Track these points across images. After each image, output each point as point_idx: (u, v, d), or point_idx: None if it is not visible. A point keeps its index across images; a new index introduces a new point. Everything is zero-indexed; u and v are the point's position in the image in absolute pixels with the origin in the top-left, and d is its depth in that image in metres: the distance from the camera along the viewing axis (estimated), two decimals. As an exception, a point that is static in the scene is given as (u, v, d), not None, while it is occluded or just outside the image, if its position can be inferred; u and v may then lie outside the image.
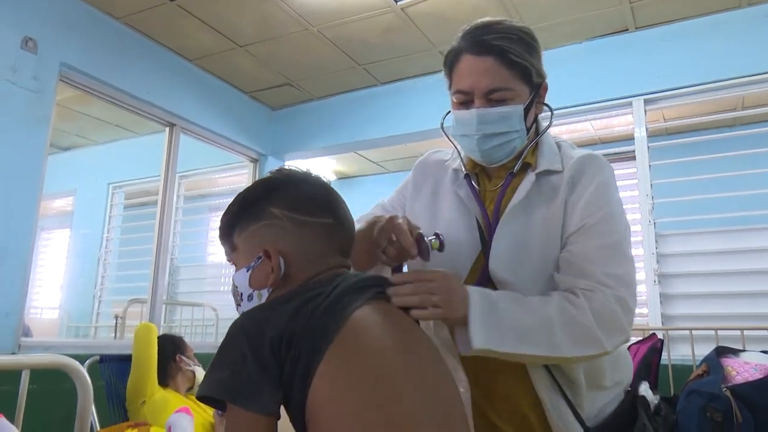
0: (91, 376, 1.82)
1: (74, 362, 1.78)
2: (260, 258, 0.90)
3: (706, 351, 2.43)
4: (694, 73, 3.16)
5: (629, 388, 1.17)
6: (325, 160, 5.53)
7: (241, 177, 4.59)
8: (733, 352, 2.36)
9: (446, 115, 1.21)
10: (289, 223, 0.91)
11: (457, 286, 1.00)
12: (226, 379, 0.77)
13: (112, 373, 2.63)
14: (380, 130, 4.12)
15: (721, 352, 2.36)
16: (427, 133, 3.87)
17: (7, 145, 2.71)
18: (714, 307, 2.91)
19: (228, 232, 0.96)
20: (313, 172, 0.99)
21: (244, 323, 0.82)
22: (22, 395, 1.88)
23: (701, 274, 3.01)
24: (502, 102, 1.11)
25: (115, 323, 3.75)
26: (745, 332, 2.63)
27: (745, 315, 2.81)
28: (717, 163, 3.28)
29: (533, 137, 1.20)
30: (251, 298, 0.92)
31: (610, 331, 1.02)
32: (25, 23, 2.82)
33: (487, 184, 1.23)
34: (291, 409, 0.79)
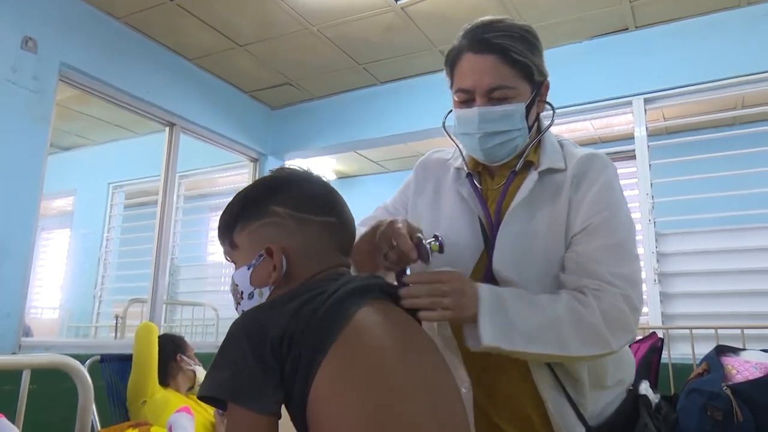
0: (91, 375, 1.82)
1: (75, 362, 1.78)
2: (262, 256, 0.90)
3: (706, 350, 2.43)
4: (694, 72, 3.16)
5: (631, 387, 1.17)
6: (325, 160, 5.53)
7: (241, 177, 4.59)
8: (734, 351, 2.37)
9: (448, 114, 1.21)
10: (291, 221, 0.91)
11: (468, 287, 1.00)
12: (227, 379, 0.77)
13: (112, 372, 2.64)
14: (380, 130, 4.12)
15: (721, 350, 2.37)
16: (428, 133, 3.87)
17: (8, 145, 2.71)
18: (714, 306, 2.91)
19: (228, 230, 0.96)
20: (314, 172, 1.00)
21: (245, 323, 0.82)
22: (22, 395, 1.88)
23: (701, 273, 3.01)
24: (503, 100, 1.11)
25: (116, 323, 3.75)
26: (745, 331, 2.63)
27: (745, 314, 2.81)
28: (717, 162, 3.28)
29: (535, 136, 1.19)
30: (252, 296, 0.92)
31: (618, 331, 1.02)
32: (25, 23, 2.82)
33: (489, 183, 1.22)
34: (292, 409, 0.79)
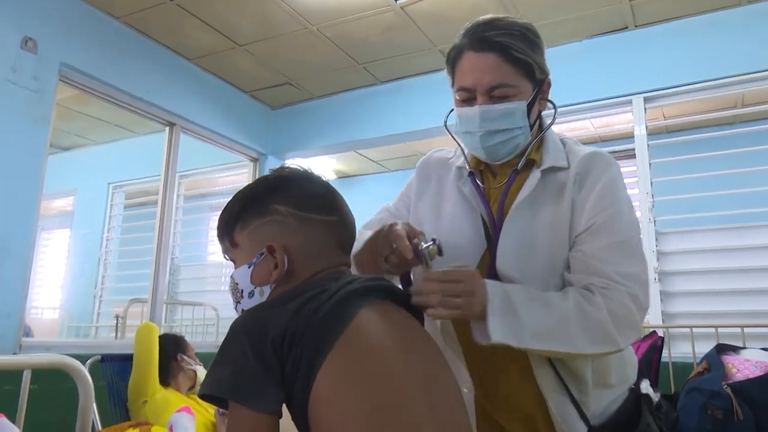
0: (92, 375, 1.82)
1: (75, 362, 1.78)
2: (263, 254, 0.90)
3: (707, 348, 2.44)
4: (694, 70, 3.16)
5: (633, 386, 1.16)
6: (325, 159, 5.53)
7: (241, 176, 4.59)
8: (734, 350, 2.37)
9: (449, 113, 1.21)
10: (293, 220, 0.91)
11: (480, 286, 0.99)
12: (228, 377, 0.77)
13: (113, 372, 2.64)
14: (380, 129, 4.12)
15: (722, 349, 2.37)
16: (428, 132, 3.87)
17: (8, 145, 2.71)
18: (714, 305, 2.92)
19: (228, 229, 0.95)
20: (314, 171, 0.99)
21: (245, 322, 0.82)
22: (23, 395, 1.88)
23: (701, 271, 3.01)
24: (504, 99, 1.10)
25: (116, 323, 3.75)
26: (746, 329, 2.63)
27: (746, 312, 2.82)
28: (717, 161, 3.29)
29: (537, 134, 1.19)
30: (252, 295, 0.92)
31: (625, 329, 1.02)
32: (25, 23, 2.82)
33: (491, 182, 1.22)
34: (293, 408, 0.79)
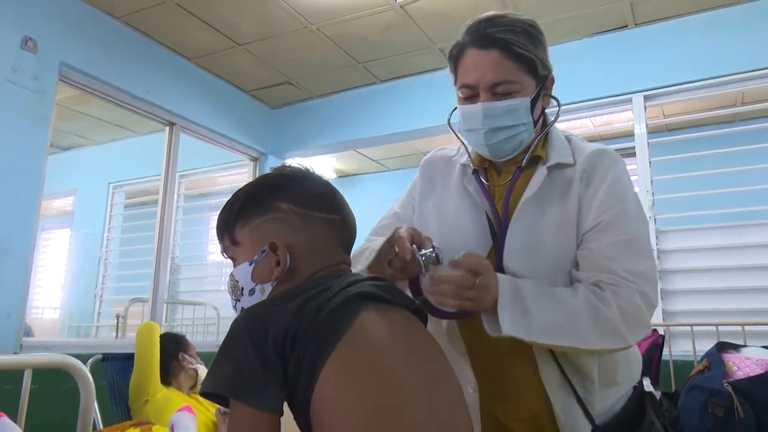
0: (93, 375, 1.82)
1: (77, 361, 1.78)
2: (265, 251, 0.90)
3: (707, 347, 2.44)
4: (694, 69, 3.16)
5: (638, 384, 1.16)
6: (326, 159, 5.52)
7: (241, 176, 4.59)
8: (734, 348, 2.37)
9: (453, 112, 1.20)
10: (295, 217, 0.91)
11: (493, 282, 1.00)
12: (229, 376, 0.77)
13: (114, 371, 2.64)
14: (380, 128, 4.12)
15: (722, 347, 2.37)
16: (427, 131, 3.87)
17: (8, 145, 2.71)
18: (715, 303, 2.92)
19: (229, 226, 0.95)
20: (314, 170, 1.00)
21: (247, 320, 0.81)
22: (24, 395, 1.88)
23: (702, 270, 3.01)
24: (507, 95, 1.10)
25: (117, 323, 3.76)
26: (746, 328, 2.63)
27: (746, 310, 2.82)
28: (717, 159, 3.29)
29: (540, 130, 1.19)
30: (252, 293, 0.92)
31: (634, 326, 1.02)
32: (25, 23, 2.82)
33: (495, 179, 1.21)
34: (295, 407, 0.79)
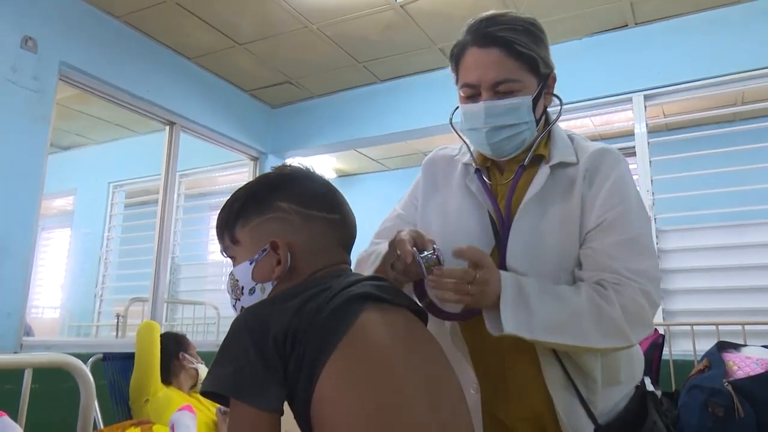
0: (93, 374, 1.82)
1: (77, 361, 1.78)
2: (265, 250, 0.90)
3: (707, 346, 2.43)
4: (694, 68, 3.16)
5: (639, 384, 1.16)
6: (326, 158, 5.52)
7: (242, 175, 4.59)
8: (734, 347, 2.37)
9: (455, 111, 1.20)
10: (297, 217, 0.91)
11: (494, 277, 1.00)
12: (229, 375, 0.77)
13: (115, 371, 2.64)
14: (380, 128, 4.12)
15: (722, 347, 2.37)
16: (427, 131, 3.87)
17: (8, 145, 2.71)
18: (715, 303, 2.92)
19: (229, 226, 0.95)
20: (315, 170, 1.00)
21: (247, 319, 0.82)
22: (24, 394, 1.88)
23: (702, 269, 3.01)
24: (509, 94, 1.10)
25: (117, 322, 3.76)
26: (746, 327, 2.63)
27: (746, 310, 2.82)
28: (717, 159, 3.29)
29: (543, 129, 1.19)
30: (253, 292, 0.92)
31: (637, 325, 1.02)
32: (25, 23, 2.81)
33: (498, 178, 1.21)
34: (295, 407, 0.79)
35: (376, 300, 0.87)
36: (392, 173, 6.00)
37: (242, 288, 0.93)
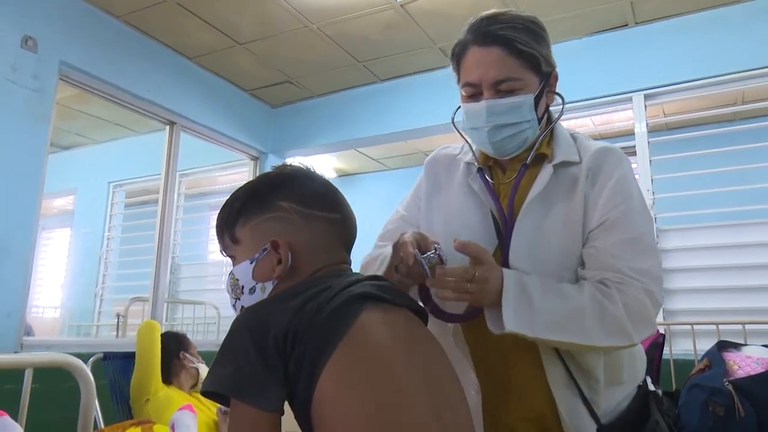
0: (94, 374, 1.82)
1: (77, 360, 1.78)
2: (266, 249, 0.90)
3: (708, 345, 2.44)
4: (694, 68, 3.16)
5: (642, 383, 1.16)
6: (326, 158, 5.52)
7: (242, 175, 4.59)
8: (735, 347, 2.37)
9: (456, 110, 1.20)
10: (298, 216, 0.91)
11: (495, 274, 0.99)
12: (229, 375, 0.77)
13: (115, 370, 2.64)
14: (380, 127, 4.12)
15: (723, 346, 2.37)
16: (427, 130, 3.87)
17: (8, 145, 2.71)
18: (715, 302, 2.92)
19: (229, 225, 0.95)
20: (315, 170, 1.00)
21: (247, 319, 0.81)
22: (25, 394, 1.88)
23: (702, 268, 3.01)
24: (511, 92, 1.10)
25: (117, 322, 3.76)
26: (747, 326, 2.63)
27: (747, 309, 2.82)
28: (717, 158, 3.29)
29: (545, 127, 1.18)
30: (253, 291, 0.91)
31: (640, 324, 1.02)
32: (25, 22, 2.81)
33: (500, 177, 1.20)
34: (296, 406, 0.79)
35: (377, 300, 0.86)
36: (392, 173, 6.00)
37: (242, 287, 0.92)
